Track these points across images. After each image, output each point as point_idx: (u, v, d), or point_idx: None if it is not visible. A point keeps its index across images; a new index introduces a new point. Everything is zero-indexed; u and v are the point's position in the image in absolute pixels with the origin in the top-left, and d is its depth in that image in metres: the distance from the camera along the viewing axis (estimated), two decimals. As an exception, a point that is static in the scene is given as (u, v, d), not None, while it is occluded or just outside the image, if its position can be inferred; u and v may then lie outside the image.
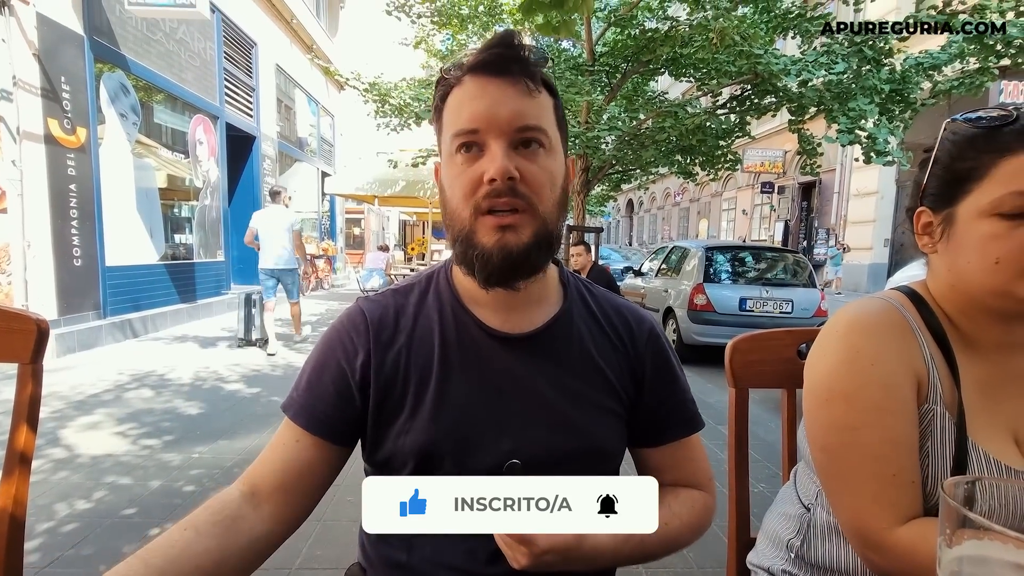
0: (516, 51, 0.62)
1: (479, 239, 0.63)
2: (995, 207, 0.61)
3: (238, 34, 8.48)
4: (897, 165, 5.00)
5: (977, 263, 0.64)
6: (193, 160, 7.29)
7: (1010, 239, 0.61)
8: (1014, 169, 0.60)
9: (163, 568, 0.54)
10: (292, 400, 0.70)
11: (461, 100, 0.63)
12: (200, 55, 7.33)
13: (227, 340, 5.80)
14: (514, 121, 0.62)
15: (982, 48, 4.46)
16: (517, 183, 0.61)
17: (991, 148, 0.62)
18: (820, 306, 5.60)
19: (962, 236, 0.65)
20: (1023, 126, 0.60)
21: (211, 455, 2.75)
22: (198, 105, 7.29)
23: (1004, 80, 7.90)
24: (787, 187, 15.89)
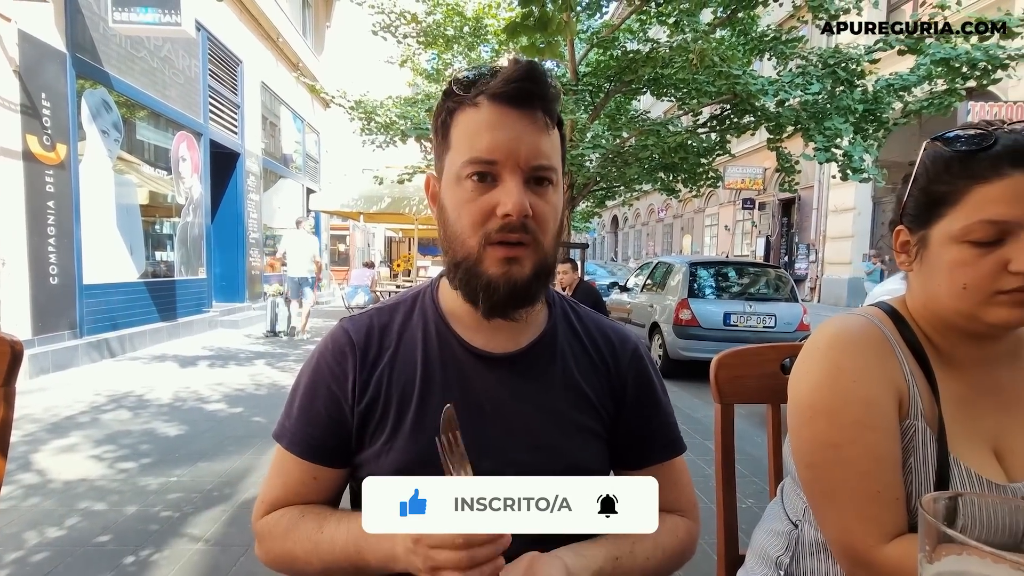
0: (541, 87, 0.62)
1: (485, 269, 0.63)
2: (965, 234, 0.62)
3: (223, 52, 8.48)
4: (872, 182, 5.14)
5: (946, 287, 0.65)
6: (176, 177, 7.22)
7: (978, 266, 0.62)
8: (984, 197, 0.61)
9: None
10: (285, 428, 0.70)
11: (479, 126, 0.62)
12: (184, 72, 7.31)
13: (209, 359, 5.69)
14: (532, 159, 0.62)
15: (949, 70, 4.65)
16: (528, 219, 0.61)
17: (965, 174, 0.63)
18: (802, 320, 5.68)
19: (934, 259, 0.67)
20: (996, 153, 0.61)
21: (190, 478, 2.68)
22: (181, 122, 7.25)
23: (971, 101, 8.21)
24: (767, 203, 16.22)
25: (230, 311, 8.42)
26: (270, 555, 0.68)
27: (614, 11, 8.15)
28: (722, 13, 5.67)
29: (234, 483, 2.64)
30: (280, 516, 0.68)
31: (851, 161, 4.93)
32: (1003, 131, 0.63)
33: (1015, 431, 0.68)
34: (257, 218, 9.86)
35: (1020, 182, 0.59)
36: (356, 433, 0.68)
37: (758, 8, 5.61)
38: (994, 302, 0.62)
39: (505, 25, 2.43)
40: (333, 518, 0.65)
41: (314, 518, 0.66)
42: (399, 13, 6.87)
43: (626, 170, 6.72)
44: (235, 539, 2.13)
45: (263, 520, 0.69)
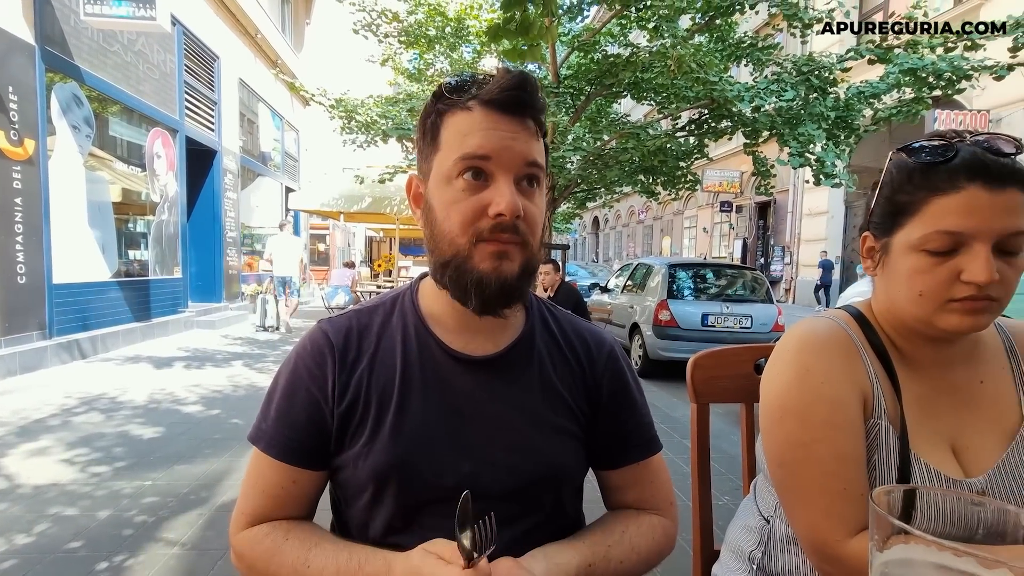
0: (532, 97, 0.63)
1: (476, 264, 0.63)
2: (922, 243, 0.66)
3: (200, 47, 8.31)
4: (844, 187, 5.28)
5: (905, 293, 0.69)
6: (150, 174, 7.06)
7: (933, 275, 0.65)
8: (941, 209, 0.64)
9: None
10: (262, 431, 0.69)
11: (470, 126, 0.62)
12: (159, 67, 7.15)
13: (184, 360, 5.58)
14: (524, 157, 0.63)
15: (916, 80, 4.81)
16: (520, 220, 0.62)
17: (925, 185, 0.66)
18: (777, 321, 5.81)
19: (895, 266, 0.70)
20: (955, 166, 0.64)
21: (166, 481, 2.64)
22: (156, 118, 7.08)
23: (938, 109, 8.51)
24: (744, 206, 16.53)
25: (206, 311, 8.26)
26: (252, 573, 0.67)
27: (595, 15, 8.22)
28: (700, 19, 5.77)
29: (211, 486, 2.60)
30: (263, 536, 0.66)
31: (823, 166, 5.06)
32: (965, 143, 0.65)
33: (971, 429, 0.72)
34: (235, 217, 9.69)
35: (974, 195, 0.62)
36: (335, 435, 0.67)
37: (735, 15, 5.72)
38: (947, 309, 0.66)
39: (487, 28, 2.44)
40: (319, 550, 0.64)
41: (299, 545, 0.64)
42: (380, 11, 6.82)
43: (607, 172, 6.79)
44: (213, 543, 2.10)
45: (243, 534, 0.68)
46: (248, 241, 10.96)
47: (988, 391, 0.73)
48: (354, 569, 0.61)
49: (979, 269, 0.61)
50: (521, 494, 0.68)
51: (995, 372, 0.74)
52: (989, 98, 8.55)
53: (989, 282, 0.61)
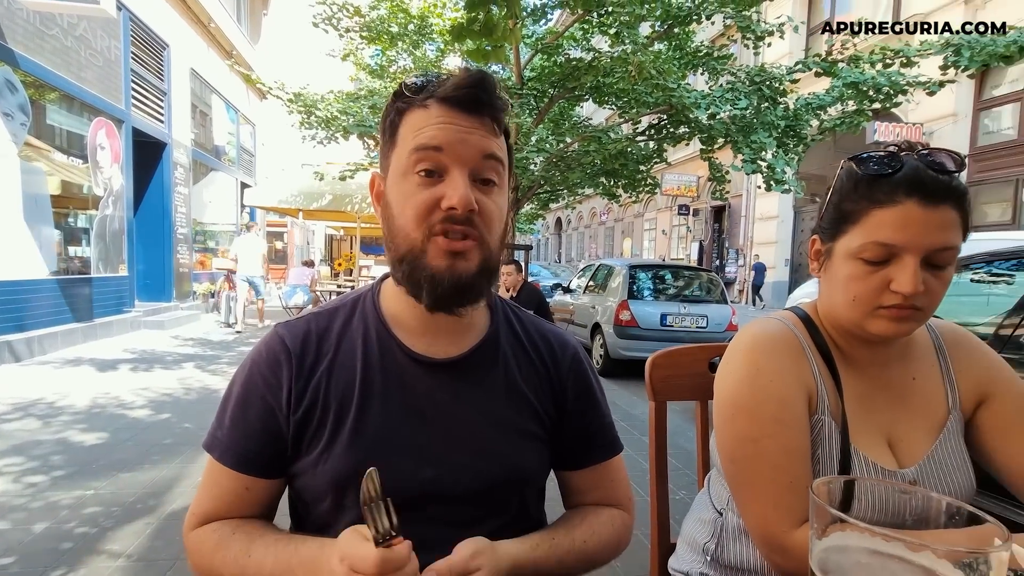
0: (490, 96, 0.63)
1: (429, 260, 0.62)
2: (859, 252, 0.70)
3: (148, 34, 7.92)
4: (792, 193, 5.54)
5: (841, 297, 0.74)
6: (93, 166, 6.67)
7: (866, 282, 0.70)
8: (879, 221, 0.68)
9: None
10: (216, 439, 0.68)
11: (426, 121, 0.62)
12: (103, 54, 6.77)
13: (131, 362, 5.31)
14: (479, 151, 0.63)
15: (858, 93, 5.11)
16: (474, 214, 0.62)
17: (867, 196, 0.70)
18: (731, 321, 6.03)
19: (835, 270, 0.75)
20: (896, 180, 0.67)
21: (110, 491, 2.50)
22: (99, 107, 6.70)
23: (877, 121, 9.03)
24: (701, 210, 17.05)
25: (155, 311, 7.87)
26: (199, 570, 0.67)
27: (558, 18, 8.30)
28: (659, 27, 5.93)
29: (160, 494, 2.49)
30: (211, 531, 0.66)
31: (774, 173, 5.29)
32: (911, 157, 0.69)
33: (904, 423, 0.78)
34: (186, 212, 9.28)
35: (910, 210, 0.66)
36: (292, 442, 0.66)
37: (692, 25, 5.90)
38: (876, 315, 0.70)
39: (451, 27, 2.44)
40: (262, 541, 0.64)
41: (244, 538, 0.64)
42: (341, 5, 6.67)
43: (569, 174, 6.87)
44: (161, 553, 2.01)
45: (193, 533, 0.67)
46: (200, 238, 10.52)
47: (919, 387, 0.78)
48: (290, 553, 0.61)
49: (906, 280, 0.66)
50: (484, 497, 0.69)
51: (925, 369, 0.80)
52: (923, 112, 9.12)
53: (914, 293, 0.66)
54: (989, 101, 8.99)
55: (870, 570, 0.31)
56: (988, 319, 2.41)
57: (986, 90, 9.02)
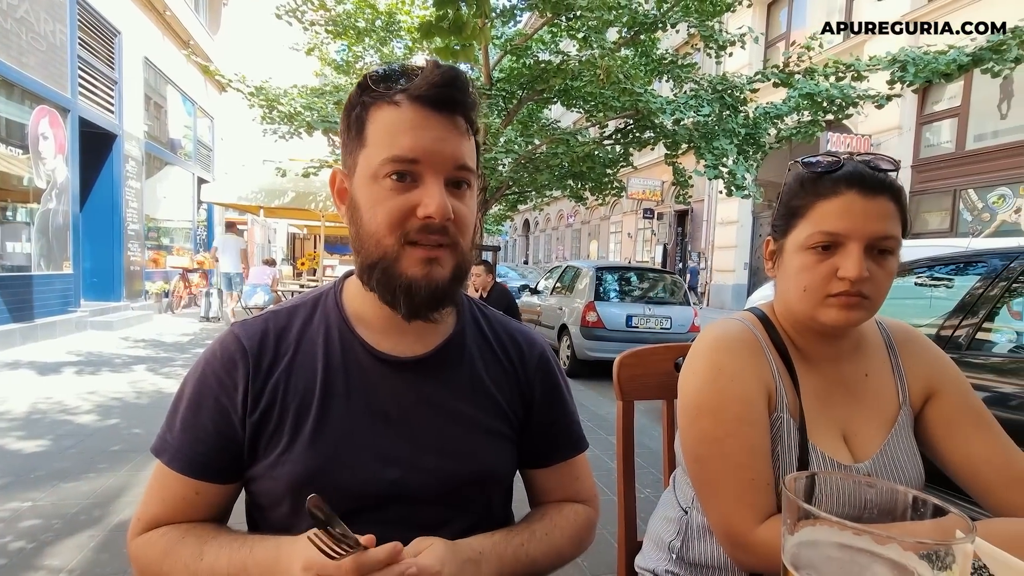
0: (463, 94, 0.62)
1: (404, 269, 0.61)
2: (807, 242, 0.74)
3: (97, 20, 7.53)
4: (752, 198, 5.72)
5: (793, 290, 0.77)
6: (34, 156, 6.29)
7: (815, 271, 0.73)
8: (824, 212, 0.72)
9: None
10: (166, 443, 0.65)
11: (399, 125, 0.60)
12: (47, 38, 6.39)
13: (76, 365, 5.02)
14: (454, 160, 0.62)
15: (812, 104, 5.33)
16: (450, 222, 0.61)
17: (813, 192, 0.75)
18: (694, 322, 6.18)
19: (786, 265, 0.78)
20: (838, 176, 0.73)
21: (50, 502, 2.35)
22: (43, 95, 6.33)
23: (830, 132, 9.44)
24: (665, 214, 17.43)
25: (103, 311, 7.47)
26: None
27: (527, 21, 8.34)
28: (626, 34, 6.02)
29: (105, 504, 2.36)
30: (159, 536, 0.63)
31: (735, 179, 5.46)
32: (851, 160, 0.74)
33: (857, 418, 0.80)
34: (138, 208, 8.86)
35: (851, 200, 0.71)
36: (248, 445, 0.64)
37: (657, 32, 6.02)
38: (826, 304, 0.73)
39: (419, 24, 2.41)
40: (215, 543, 0.61)
41: (195, 541, 0.62)
42: (305, -3, 6.51)
43: (537, 176, 6.90)
44: (106, 567, 1.91)
45: (139, 539, 0.64)
46: (154, 235, 10.06)
47: (872, 383, 0.81)
48: (245, 555, 0.59)
49: (851, 266, 0.69)
50: (450, 497, 0.68)
51: (877, 366, 0.83)
52: (871, 124, 9.59)
53: (859, 277, 0.69)
54: (930, 116, 9.54)
55: (840, 564, 0.32)
56: (930, 320, 2.54)
57: (927, 105, 9.56)
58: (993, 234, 8.15)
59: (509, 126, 7.11)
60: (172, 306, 9.55)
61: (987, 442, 0.78)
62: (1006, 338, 2.42)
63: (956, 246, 4.26)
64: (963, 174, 8.81)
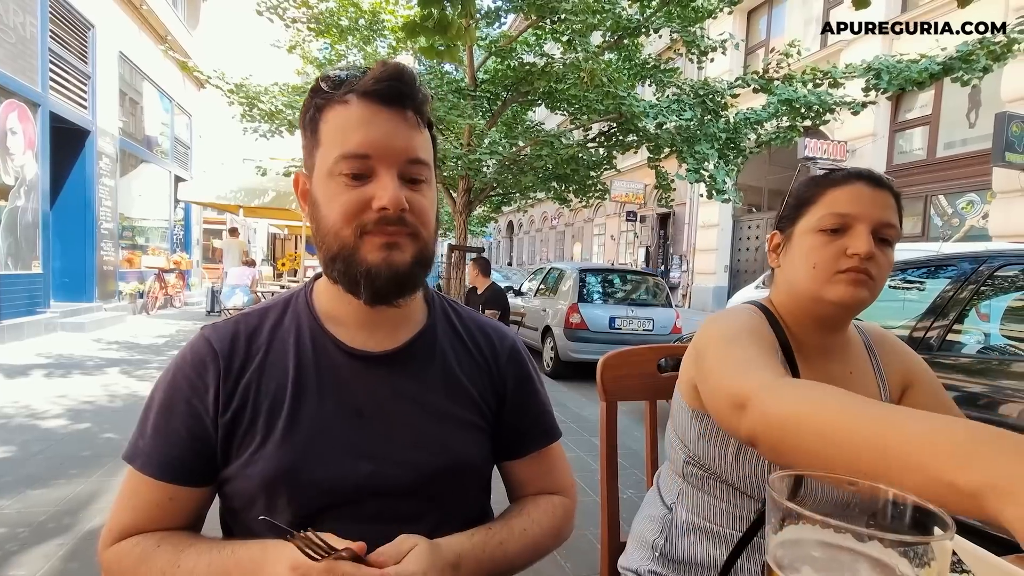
0: (410, 87, 0.63)
1: (363, 256, 0.62)
2: (818, 224, 0.79)
3: (70, 12, 7.33)
4: (732, 202, 5.82)
5: (801, 269, 0.81)
6: (2, 152, 6.09)
7: (824, 249, 0.78)
8: (832, 198, 0.79)
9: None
10: (138, 449, 0.65)
11: (349, 122, 0.62)
12: (16, 30, 6.20)
13: (45, 368, 4.86)
14: (406, 153, 0.63)
15: (791, 110, 5.44)
16: (406, 213, 0.62)
17: (822, 183, 0.81)
18: (676, 324, 6.25)
19: (795, 248, 0.83)
20: (848, 171, 0.81)
21: (16, 509, 2.27)
22: (11, 88, 6.13)
23: (808, 138, 9.65)
24: (648, 217, 17.60)
25: (74, 312, 7.25)
26: None
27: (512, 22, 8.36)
28: (610, 38, 6.08)
29: (75, 511, 2.28)
30: (132, 545, 0.62)
31: (716, 183, 5.54)
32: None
33: None
34: (111, 206, 8.63)
35: (860, 189, 0.78)
36: (221, 446, 0.64)
37: (640, 37, 6.09)
38: (835, 280, 0.77)
39: (404, 23, 2.40)
40: (192, 550, 0.61)
41: (170, 549, 0.61)
42: (287, -6, 6.42)
43: (521, 177, 6.91)
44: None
45: (111, 550, 0.63)
46: (128, 234, 9.81)
47: (856, 380, 0.85)
48: (226, 557, 0.59)
49: (861, 243, 0.75)
50: (425, 489, 0.68)
51: (861, 365, 0.87)
52: (847, 131, 9.82)
53: (868, 253, 0.74)
54: (903, 123, 9.81)
55: (822, 562, 0.32)
56: (903, 322, 2.61)
57: (900, 113, 9.83)
58: (962, 239, 8.41)
59: (494, 127, 7.11)
60: (147, 307, 9.32)
61: None
62: (974, 339, 2.50)
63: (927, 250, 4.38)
64: (934, 180, 9.08)
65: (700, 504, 0.88)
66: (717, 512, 0.86)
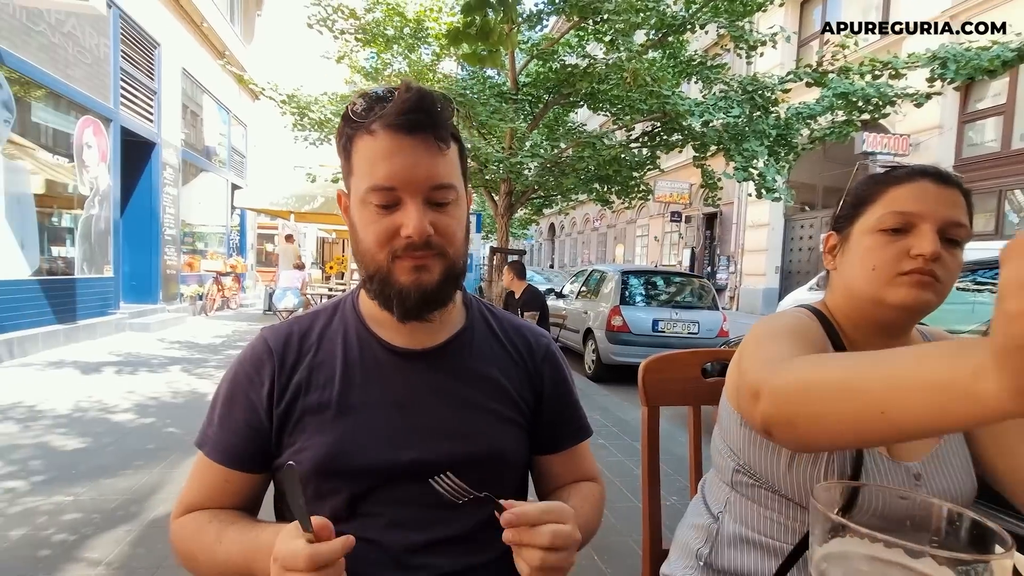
0: (430, 116, 0.66)
1: (396, 278, 0.69)
2: (878, 224, 0.74)
3: (139, 32, 7.86)
4: (783, 201, 5.59)
5: (860, 270, 0.76)
6: (79, 165, 6.59)
7: (885, 250, 0.73)
8: (894, 196, 0.74)
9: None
10: (206, 437, 0.74)
11: (376, 153, 0.66)
12: (92, 52, 6.70)
13: (115, 365, 5.22)
14: (428, 181, 0.67)
15: (847, 103, 5.17)
16: (432, 237, 0.67)
17: (883, 181, 0.77)
18: (722, 327, 6.06)
19: (853, 249, 0.78)
20: (911, 168, 0.75)
21: (90, 496, 2.45)
22: (87, 105, 6.63)
23: (865, 132, 9.15)
24: (693, 217, 17.16)
25: (141, 313, 7.76)
26: (179, 555, 0.72)
27: (554, 25, 8.35)
28: (654, 36, 5.97)
29: (141, 500, 2.44)
30: (191, 519, 0.71)
31: (765, 181, 5.33)
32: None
33: None
34: (174, 213, 9.19)
35: (924, 186, 0.73)
36: (275, 436, 0.72)
37: (686, 34, 5.95)
38: (896, 283, 0.72)
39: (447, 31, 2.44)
40: (233, 529, 0.68)
41: (218, 526, 0.69)
42: (336, 7, 6.65)
43: (563, 180, 6.88)
44: (142, 561, 1.97)
45: (178, 521, 0.73)
46: (189, 240, 10.40)
47: None
48: (251, 539, 0.66)
49: (926, 243, 0.70)
50: (464, 476, 0.70)
51: None
52: (909, 123, 9.26)
53: (935, 254, 0.69)
54: (973, 114, 9.15)
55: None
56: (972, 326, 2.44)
57: (970, 103, 9.18)
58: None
59: (535, 130, 7.12)
60: (206, 309, 9.84)
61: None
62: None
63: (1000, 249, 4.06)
64: (1009, 174, 8.42)
65: (749, 514, 0.84)
66: (767, 523, 0.82)
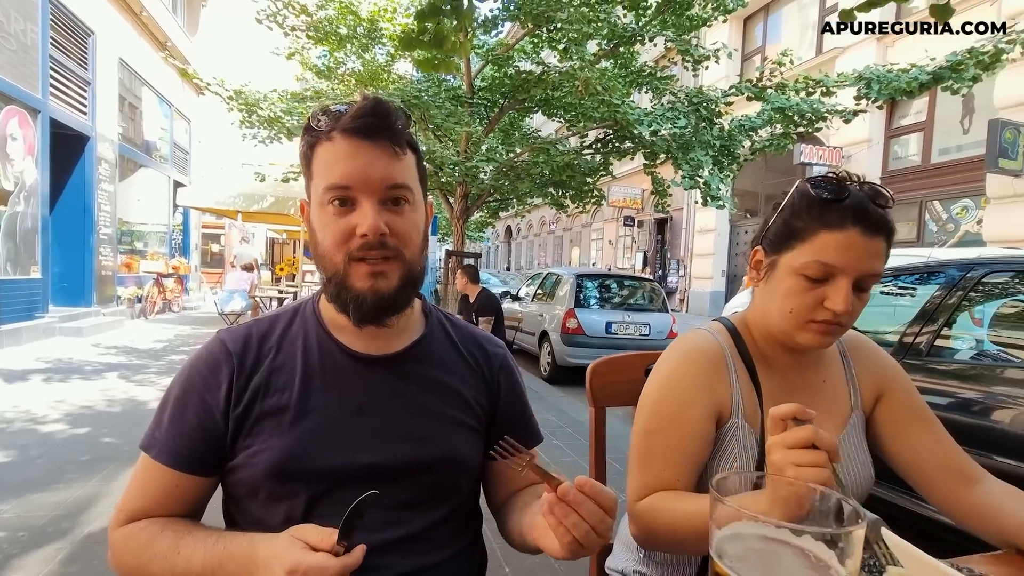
0: (385, 120, 0.69)
1: (352, 283, 0.69)
2: (803, 268, 0.77)
3: (71, 19, 7.39)
4: (727, 208, 5.87)
5: (778, 308, 0.81)
6: (2, 158, 6.12)
7: (804, 297, 0.77)
8: (824, 243, 0.74)
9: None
10: (154, 439, 0.71)
11: (333, 156, 0.69)
12: (17, 37, 6.25)
13: (44, 373, 4.88)
14: (384, 181, 0.69)
15: (784, 117, 5.50)
16: (387, 237, 0.69)
17: (818, 218, 0.75)
18: (672, 329, 6.28)
19: (776, 283, 0.81)
20: (845, 207, 0.74)
21: (15, 513, 2.30)
22: (11, 95, 6.17)
23: (803, 144, 9.73)
24: (645, 222, 17.67)
25: (73, 316, 7.28)
26: (123, 568, 0.69)
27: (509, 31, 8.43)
28: (606, 46, 6.14)
29: (74, 515, 2.31)
30: (139, 529, 0.68)
31: (710, 189, 5.59)
32: (858, 189, 0.77)
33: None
34: (110, 211, 8.67)
35: (853, 237, 0.73)
36: (231, 438, 0.70)
37: (636, 45, 6.15)
38: (807, 328, 0.78)
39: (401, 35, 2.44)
40: (191, 537, 0.66)
41: (172, 535, 0.67)
42: (286, 2, 6.48)
43: (519, 184, 6.96)
44: (77, 579, 1.87)
45: (120, 530, 0.69)
46: (127, 239, 9.84)
47: (829, 388, 0.89)
48: (220, 550, 0.64)
49: (840, 300, 0.73)
50: (421, 478, 0.74)
51: (834, 372, 0.90)
52: (842, 137, 9.91)
53: (845, 312, 0.74)
54: (897, 130, 9.90)
55: (759, 553, 0.36)
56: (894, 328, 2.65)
57: (895, 120, 9.92)
58: (957, 244, 8.48)
59: (491, 134, 7.16)
60: (145, 312, 9.34)
61: (930, 440, 0.85)
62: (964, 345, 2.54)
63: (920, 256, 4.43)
64: (928, 186, 9.16)
65: None
66: None
